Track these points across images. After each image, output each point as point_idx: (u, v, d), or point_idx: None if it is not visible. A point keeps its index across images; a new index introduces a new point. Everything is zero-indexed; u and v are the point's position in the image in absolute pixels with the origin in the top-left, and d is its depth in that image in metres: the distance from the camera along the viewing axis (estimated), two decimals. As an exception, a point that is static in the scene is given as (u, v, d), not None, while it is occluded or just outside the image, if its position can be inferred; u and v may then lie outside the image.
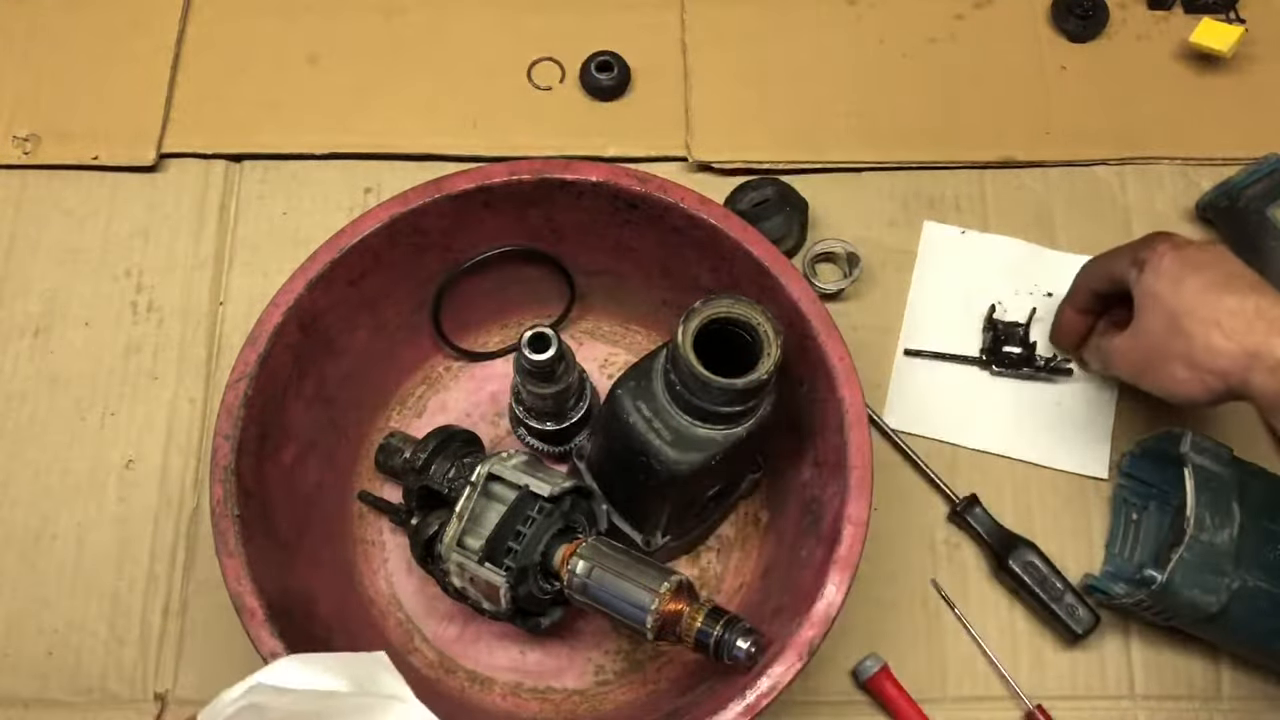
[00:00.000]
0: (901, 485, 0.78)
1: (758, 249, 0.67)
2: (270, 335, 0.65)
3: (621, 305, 0.80)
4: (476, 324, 0.80)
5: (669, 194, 0.68)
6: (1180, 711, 0.74)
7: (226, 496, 0.62)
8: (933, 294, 0.83)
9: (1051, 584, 0.73)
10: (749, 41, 0.90)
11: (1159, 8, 0.91)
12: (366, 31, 0.90)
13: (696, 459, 0.61)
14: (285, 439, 0.68)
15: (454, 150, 0.86)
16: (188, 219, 0.84)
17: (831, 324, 0.65)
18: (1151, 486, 0.78)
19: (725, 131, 0.87)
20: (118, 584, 0.75)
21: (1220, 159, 0.86)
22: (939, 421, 0.80)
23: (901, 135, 0.87)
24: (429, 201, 0.68)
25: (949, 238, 0.84)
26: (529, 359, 0.65)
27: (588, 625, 0.73)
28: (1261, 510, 0.69)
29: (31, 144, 0.86)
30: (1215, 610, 0.67)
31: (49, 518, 0.77)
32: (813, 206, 0.83)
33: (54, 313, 0.82)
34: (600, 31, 0.89)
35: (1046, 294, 0.82)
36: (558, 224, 0.73)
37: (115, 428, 0.79)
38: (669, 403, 0.62)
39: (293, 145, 0.86)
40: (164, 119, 0.86)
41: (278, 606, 0.60)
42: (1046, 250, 0.83)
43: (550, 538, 0.63)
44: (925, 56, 0.90)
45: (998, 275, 0.83)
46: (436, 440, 0.69)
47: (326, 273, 0.67)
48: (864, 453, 0.62)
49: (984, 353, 0.81)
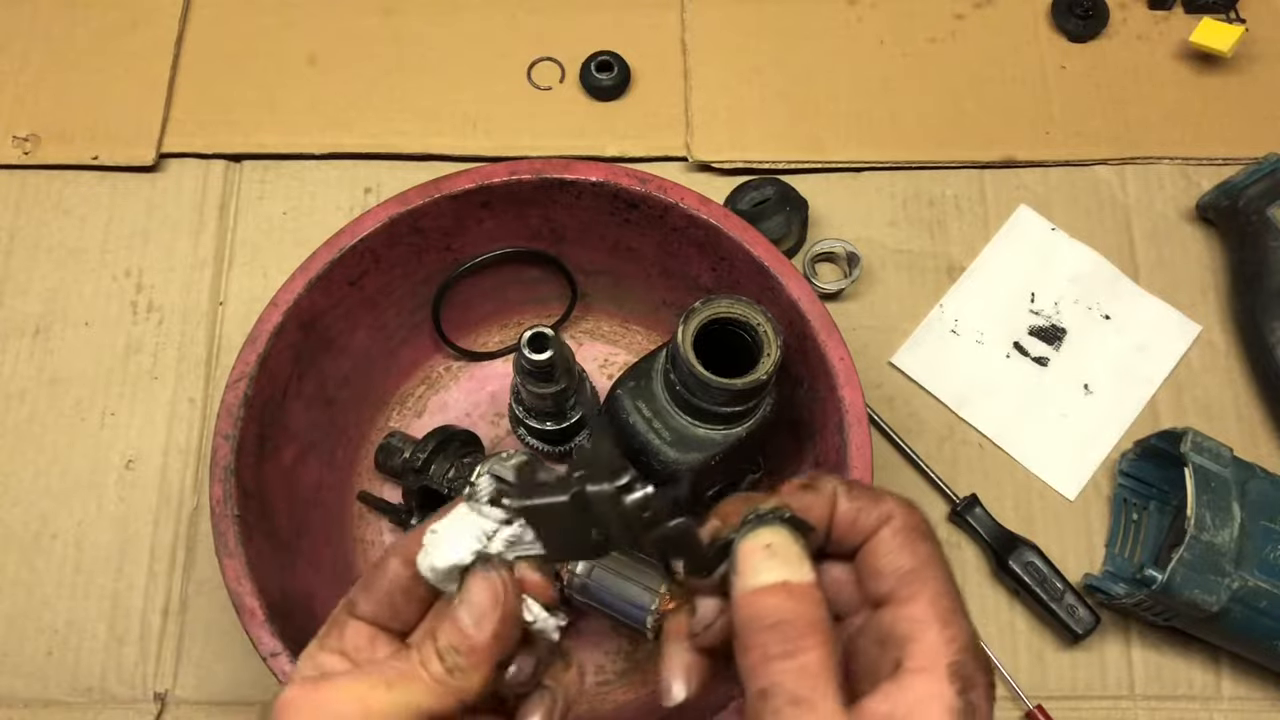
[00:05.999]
0: (901, 485, 0.78)
1: (758, 249, 0.67)
2: (270, 335, 0.65)
3: (621, 305, 0.80)
4: (476, 324, 0.80)
5: (669, 194, 0.68)
6: (1180, 711, 0.74)
7: (226, 496, 0.61)
8: (995, 271, 0.84)
9: (1051, 584, 0.73)
10: (749, 41, 0.90)
11: (1159, 8, 0.91)
12: (366, 31, 0.90)
13: (696, 459, 0.61)
14: (285, 439, 0.68)
15: (454, 150, 0.86)
16: (187, 219, 0.84)
17: (831, 324, 0.65)
18: (1151, 486, 0.78)
19: (725, 131, 0.87)
20: (118, 584, 0.75)
21: (1220, 159, 0.86)
22: (945, 386, 0.81)
23: (901, 135, 0.87)
24: (429, 201, 0.68)
25: (1037, 228, 0.85)
26: (529, 359, 0.65)
27: (588, 625, 0.73)
28: (1261, 510, 0.69)
29: (31, 144, 0.86)
30: (1215, 610, 0.67)
31: (49, 518, 0.77)
32: (813, 206, 0.83)
33: (54, 313, 0.82)
34: (600, 31, 0.89)
35: (1105, 315, 0.82)
36: (558, 224, 0.73)
37: (115, 428, 0.79)
38: (669, 403, 0.62)
39: (293, 145, 0.86)
40: (164, 119, 0.86)
41: (278, 606, 0.60)
42: (1125, 278, 0.84)
43: (550, 538, 0.63)
44: (925, 56, 0.90)
45: (1066, 280, 0.84)
46: (436, 440, 0.69)
47: (326, 273, 0.67)
48: (864, 453, 0.62)
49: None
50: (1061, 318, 0.83)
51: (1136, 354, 0.82)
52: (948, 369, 0.81)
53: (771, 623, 0.37)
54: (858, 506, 0.40)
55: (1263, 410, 0.80)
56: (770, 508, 0.39)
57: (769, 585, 0.37)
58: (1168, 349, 0.82)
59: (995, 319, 0.83)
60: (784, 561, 0.38)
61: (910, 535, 0.39)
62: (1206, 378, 0.82)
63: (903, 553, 0.39)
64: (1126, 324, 0.82)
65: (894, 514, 0.40)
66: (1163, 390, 0.81)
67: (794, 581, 0.37)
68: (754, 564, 0.38)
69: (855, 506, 0.40)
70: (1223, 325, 0.83)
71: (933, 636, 0.37)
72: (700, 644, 0.41)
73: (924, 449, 0.79)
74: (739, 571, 0.38)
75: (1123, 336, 0.82)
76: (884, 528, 0.40)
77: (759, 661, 0.36)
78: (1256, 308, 0.79)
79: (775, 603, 0.37)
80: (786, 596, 0.37)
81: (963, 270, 0.84)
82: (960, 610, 0.38)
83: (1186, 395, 0.81)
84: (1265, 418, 0.80)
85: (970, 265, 0.84)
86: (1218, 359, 0.82)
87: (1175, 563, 0.66)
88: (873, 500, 0.40)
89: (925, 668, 0.37)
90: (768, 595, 0.37)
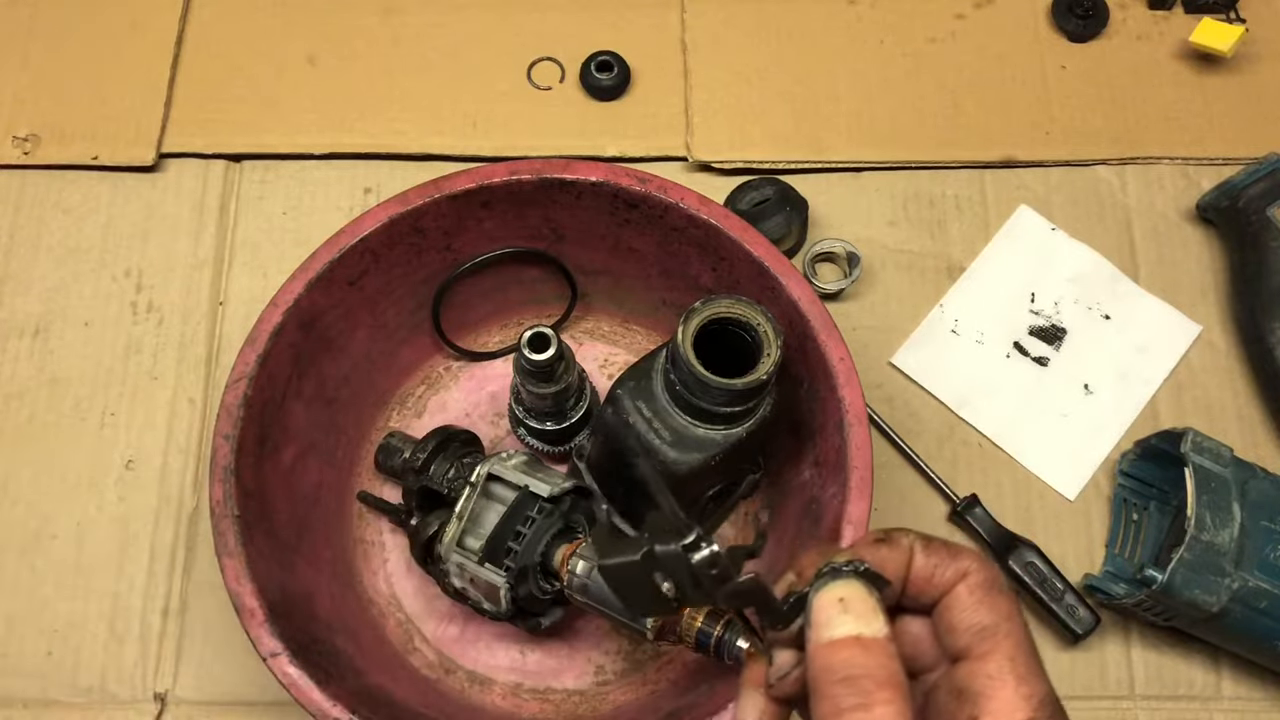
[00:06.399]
0: (901, 485, 0.78)
1: (758, 249, 0.67)
2: (270, 335, 0.65)
3: (621, 305, 0.80)
4: (476, 324, 0.80)
5: (669, 194, 0.68)
6: (1180, 711, 0.74)
7: (226, 496, 0.61)
8: (995, 271, 0.84)
9: (1051, 584, 0.73)
10: (749, 41, 0.90)
11: (1159, 8, 0.91)
12: (366, 31, 0.90)
13: (696, 459, 0.61)
14: (285, 439, 0.68)
15: (454, 150, 0.86)
16: (187, 219, 0.84)
17: (831, 324, 0.65)
18: (1151, 486, 0.78)
19: (725, 131, 0.87)
20: (118, 584, 0.75)
21: (1220, 159, 0.86)
22: (945, 386, 0.81)
23: (901, 135, 0.87)
24: (429, 201, 0.68)
25: (1037, 228, 0.85)
26: (529, 359, 0.65)
27: (588, 625, 0.73)
28: (1261, 510, 0.69)
29: (31, 144, 0.86)
30: (1215, 610, 0.67)
31: (49, 518, 0.77)
32: (813, 206, 0.83)
33: (54, 313, 0.82)
34: (600, 31, 0.89)
35: (1105, 315, 0.82)
36: (558, 224, 0.73)
37: (115, 428, 0.79)
38: (669, 403, 0.62)
39: (293, 145, 0.86)
40: (164, 119, 0.86)
41: (277, 606, 0.60)
42: (1125, 278, 0.84)
43: (550, 538, 0.63)
44: (925, 56, 0.90)
45: (1066, 280, 0.84)
46: (436, 440, 0.69)
47: (326, 273, 0.67)
48: (864, 453, 0.62)
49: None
50: (1061, 318, 0.83)
51: (1136, 354, 0.82)
52: (948, 369, 0.81)
53: (844, 675, 0.37)
54: (934, 562, 0.41)
55: (1263, 410, 0.80)
56: (845, 561, 0.40)
57: (842, 639, 0.38)
58: (1168, 349, 0.82)
59: (995, 319, 0.83)
60: (857, 615, 0.39)
61: (988, 591, 0.40)
62: (1206, 378, 0.82)
63: (980, 609, 0.40)
64: (1126, 324, 0.82)
65: (970, 570, 0.40)
66: (1163, 390, 0.81)
67: (867, 635, 0.38)
68: (828, 617, 0.39)
69: (932, 562, 0.41)
70: (1223, 325, 0.83)
71: (1008, 693, 0.38)
72: (775, 694, 0.42)
73: (924, 449, 0.78)
74: (813, 624, 0.39)
75: (1123, 336, 0.82)
76: (960, 584, 0.40)
77: (832, 713, 0.37)
78: (1256, 308, 0.79)
79: (848, 655, 0.38)
80: (860, 650, 0.38)
81: (963, 270, 0.84)
82: (1037, 667, 0.39)
83: (1186, 395, 0.81)
84: (1265, 418, 0.80)
85: (970, 265, 0.84)
86: (1218, 359, 0.82)
87: (1175, 563, 0.66)
88: (950, 555, 0.41)
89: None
90: (841, 648, 0.38)
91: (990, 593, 0.40)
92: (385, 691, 0.65)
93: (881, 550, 0.41)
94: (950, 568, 0.41)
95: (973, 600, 0.40)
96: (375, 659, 0.69)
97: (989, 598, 0.40)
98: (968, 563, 0.41)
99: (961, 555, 0.41)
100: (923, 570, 0.41)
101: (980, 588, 0.40)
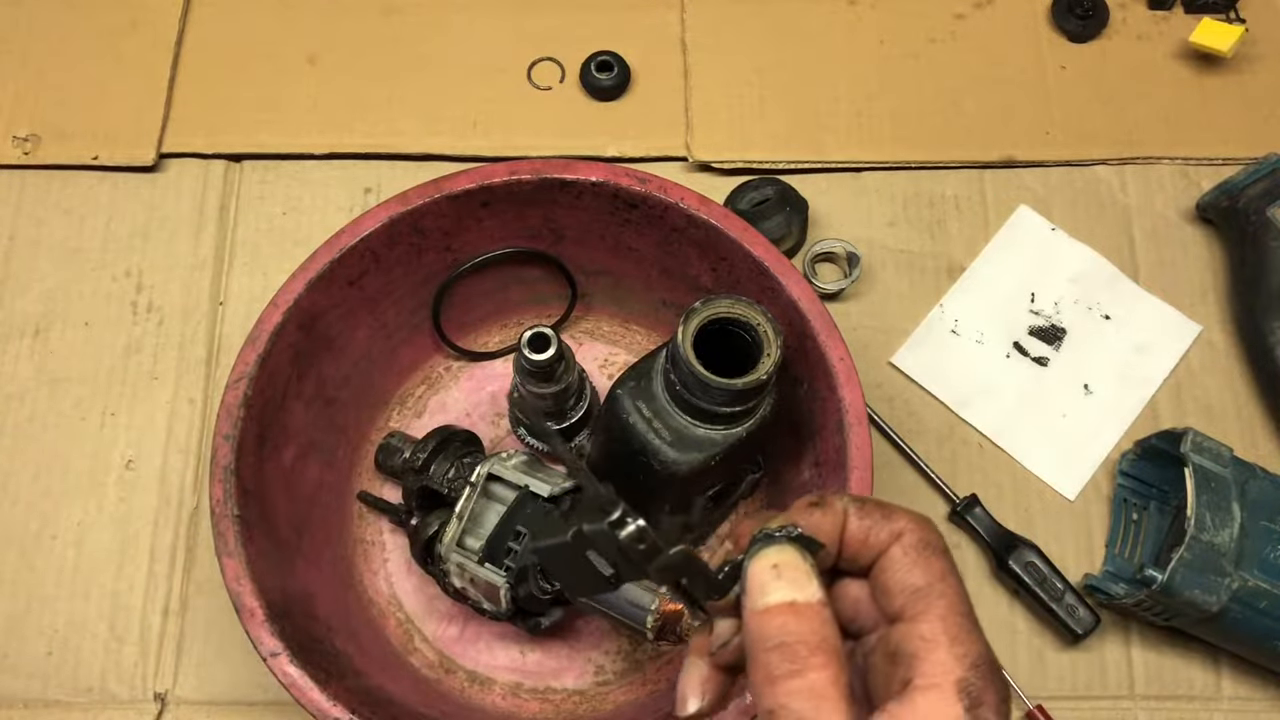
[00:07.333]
0: (901, 485, 0.78)
1: (758, 249, 0.67)
2: (270, 335, 0.65)
3: (621, 305, 0.80)
4: (476, 324, 0.80)
5: (669, 194, 0.68)
6: (1180, 711, 0.74)
7: (226, 496, 0.61)
8: (995, 271, 0.84)
9: (1051, 584, 0.73)
10: (749, 41, 0.90)
11: (1159, 8, 0.91)
12: (366, 31, 0.90)
13: (696, 459, 0.61)
14: (285, 439, 0.68)
15: (454, 150, 0.86)
16: (187, 219, 0.84)
17: (832, 324, 0.65)
18: (1151, 486, 0.78)
19: (725, 131, 0.87)
20: (118, 584, 0.75)
21: (1220, 159, 0.86)
22: (945, 385, 0.81)
23: (901, 135, 0.87)
24: (429, 201, 0.68)
25: (1037, 228, 0.85)
26: (529, 359, 0.65)
27: (588, 625, 0.73)
28: (1261, 510, 0.69)
29: (31, 144, 0.86)
30: (1215, 610, 0.67)
31: (49, 518, 0.77)
32: (813, 206, 0.83)
33: (54, 313, 0.82)
34: (600, 31, 0.89)
35: (1105, 316, 0.82)
36: (558, 224, 0.73)
37: (115, 428, 0.79)
38: (669, 403, 0.62)
39: (293, 145, 0.86)
40: (164, 119, 0.86)
41: (277, 606, 0.60)
42: (1125, 278, 0.84)
43: (550, 538, 0.63)
44: (925, 56, 0.90)
45: (1066, 280, 0.84)
46: (436, 440, 0.69)
47: (326, 273, 0.67)
48: (864, 453, 0.62)
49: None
50: (1061, 318, 0.83)
51: (1136, 354, 0.82)
52: (948, 369, 0.81)
53: (778, 642, 0.37)
54: (869, 524, 0.40)
55: (1263, 410, 0.80)
56: (778, 526, 0.39)
57: (775, 605, 0.38)
58: (1168, 349, 0.82)
59: (995, 319, 0.83)
60: (790, 581, 0.38)
61: (922, 551, 0.39)
62: (1206, 378, 0.82)
63: (914, 569, 0.39)
64: (1126, 324, 0.82)
65: (905, 530, 0.40)
66: (1163, 390, 0.81)
67: (800, 601, 0.38)
68: (761, 583, 0.38)
69: (866, 524, 0.40)
70: (1223, 325, 0.83)
71: (941, 653, 0.37)
72: (718, 661, 0.42)
73: (924, 449, 0.79)
74: (747, 591, 0.39)
75: (1123, 336, 0.82)
76: (895, 544, 0.40)
77: (765, 681, 0.37)
78: (1256, 308, 0.79)
79: (781, 622, 0.37)
80: (793, 616, 0.37)
81: (963, 270, 0.84)
82: (972, 626, 0.38)
83: (1186, 395, 0.81)
84: (1265, 418, 0.80)
85: (970, 265, 0.84)
86: (1218, 359, 0.82)
87: (1175, 563, 0.66)
88: (884, 516, 0.40)
89: (933, 685, 0.37)
90: (774, 615, 0.38)
91: (924, 553, 0.39)
92: (385, 691, 0.65)
93: (815, 514, 0.40)
94: (885, 529, 0.40)
95: (907, 561, 0.39)
96: (375, 659, 0.69)
97: (923, 558, 0.39)
98: (902, 523, 0.40)
99: (896, 515, 0.40)
100: (857, 532, 0.40)
101: (914, 548, 0.39)
